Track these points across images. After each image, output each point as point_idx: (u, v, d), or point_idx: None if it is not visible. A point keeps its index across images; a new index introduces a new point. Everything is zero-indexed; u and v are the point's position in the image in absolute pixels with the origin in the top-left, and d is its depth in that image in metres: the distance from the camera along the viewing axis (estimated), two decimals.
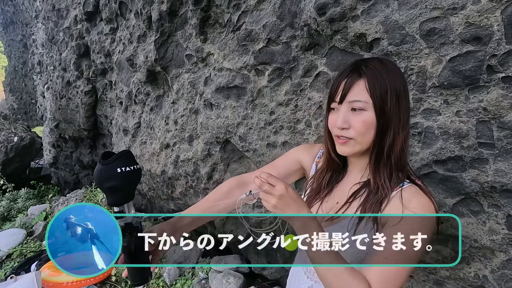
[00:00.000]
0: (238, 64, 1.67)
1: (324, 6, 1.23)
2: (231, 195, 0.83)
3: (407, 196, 0.66)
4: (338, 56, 1.31)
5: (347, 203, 0.74)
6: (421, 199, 0.66)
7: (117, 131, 3.07)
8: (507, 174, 0.98)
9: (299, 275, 0.86)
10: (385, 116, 0.65)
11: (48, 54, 4.11)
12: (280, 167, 0.88)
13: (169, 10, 1.97)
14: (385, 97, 0.64)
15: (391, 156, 0.68)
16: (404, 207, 0.65)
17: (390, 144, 0.67)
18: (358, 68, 0.67)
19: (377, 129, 0.66)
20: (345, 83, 0.67)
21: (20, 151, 5.05)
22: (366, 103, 0.65)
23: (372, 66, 0.66)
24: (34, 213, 3.59)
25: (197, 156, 2.10)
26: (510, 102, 0.93)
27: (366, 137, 0.67)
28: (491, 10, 0.90)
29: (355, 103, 0.66)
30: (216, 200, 0.82)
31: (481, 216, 1.08)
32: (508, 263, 1.05)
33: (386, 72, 0.66)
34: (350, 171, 0.80)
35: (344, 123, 0.67)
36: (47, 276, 2.14)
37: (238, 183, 0.86)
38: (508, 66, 0.91)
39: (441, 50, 1.01)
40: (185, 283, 2.18)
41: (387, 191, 0.67)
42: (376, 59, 0.70)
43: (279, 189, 0.61)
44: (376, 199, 0.68)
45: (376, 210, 0.67)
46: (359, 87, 0.65)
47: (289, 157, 0.91)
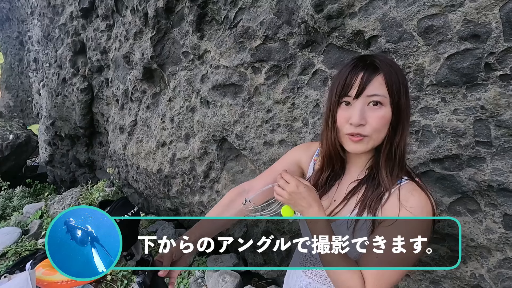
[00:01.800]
0: (235, 61, 1.65)
1: (322, 3, 1.22)
2: (232, 207, 0.84)
3: (404, 193, 0.66)
4: (336, 54, 1.29)
5: (345, 200, 0.73)
6: (418, 198, 0.65)
7: (114, 129, 3.04)
8: (504, 173, 0.97)
9: (297, 272, 0.86)
10: (399, 111, 0.65)
11: (44, 51, 4.07)
12: (279, 170, 0.87)
13: (166, 7, 1.95)
14: (399, 92, 0.64)
15: (397, 152, 0.67)
16: (401, 205, 0.64)
17: (398, 141, 0.67)
18: (373, 62, 0.65)
19: (391, 125, 0.66)
20: (362, 77, 0.64)
21: (15, 149, 5.01)
22: (385, 97, 0.64)
23: (386, 62, 0.66)
24: (30, 211, 3.56)
25: (193, 154, 2.08)
26: (507, 101, 0.92)
27: (381, 134, 0.66)
28: (490, 7, 0.89)
29: (374, 97, 0.63)
30: (218, 214, 0.84)
31: (478, 215, 1.07)
32: (504, 262, 1.05)
33: (396, 68, 0.66)
34: (349, 169, 0.78)
35: (361, 119, 0.64)
36: (42, 275, 2.12)
37: (238, 193, 0.87)
38: (506, 64, 0.90)
39: (439, 48, 1.00)
40: (182, 282, 2.17)
41: (388, 186, 0.67)
42: (382, 56, 0.70)
43: (291, 186, 0.66)
44: (376, 194, 0.68)
45: (377, 206, 0.67)
46: (378, 82, 0.63)
47: (287, 160, 0.91)
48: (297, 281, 0.84)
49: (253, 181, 0.89)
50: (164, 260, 0.71)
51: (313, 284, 0.79)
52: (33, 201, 4.10)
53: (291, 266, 0.95)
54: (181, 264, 0.74)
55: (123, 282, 2.24)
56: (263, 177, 0.88)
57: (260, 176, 0.90)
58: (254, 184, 0.87)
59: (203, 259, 2.28)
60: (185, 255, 0.75)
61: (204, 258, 2.28)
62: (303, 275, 0.82)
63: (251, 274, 2.19)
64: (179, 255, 0.74)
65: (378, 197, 0.67)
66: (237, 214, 0.84)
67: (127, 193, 3.61)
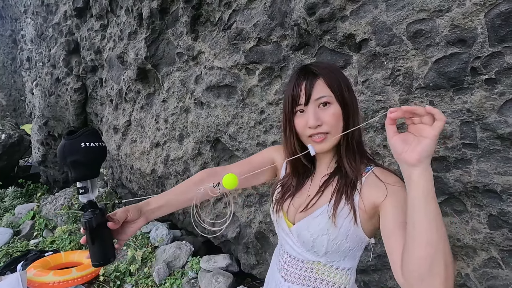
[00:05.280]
0: (229, 63, 1.66)
1: (314, 6, 1.23)
2: (201, 185, 0.82)
3: (380, 174, 0.71)
4: (328, 56, 1.31)
5: (319, 192, 0.76)
6: (395, 177, 0.71)
7: (107, 129, 3.03)
8: (489, 175, 1.00)
9: (275, 277, 0.85)
10: (347, 105, 0.72)
11: (37, 50, 4.03)
12: (255, 163, 0.90)
13: (160, 8, 1.95)
14: (341, 89, 0.72)
15: (353, 141, 0.75)
16: (386, 183, 0.68)
17: (352, 131, 0.73)
18: (310, 70, 0.73)
19: (343, 119, 0.72)
20: (305, 85, 0.72)
21: (8, 149, 4.95)
22: (331, 97, 0.71)
23: (322, 66, 0.74)
24: (21, 212, 3.52)
25: (187, 155, 2.09)
26: (492, 104, 0.95)
27: (338, 128, 0.72)
28: (476, 13, 0.92)
29: (321, 99, 0.71)
30: (186, 188, 0.82)
31: (464, 216, 1.10)
32: (489, 262, 1.07)
33: (334, 70, 0.75)
34: (319, 166, 0.83)
35: (317, 120, 0.71)
36: (33, 276, 2.10)
37: (210, 174, 0.86)
38: (491, 68, 0.93)
39: (427, 52, 1.03)
40: (175, 282, 2.17)
41: (356, 172, 0.73)
42: (318, 62, 0.76)
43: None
44: (349, 182, 0.73)
45: (353, 191, 0.71)
46: (320, 85, 0.71)
47: (264, 155, 0.94)
48: (276, 287, 0.83)
49: (228, 167, 0.89)
50: (117, 216, 0.68)
51: (292, 287, 0.79)
52: (25, 201, 4.05)
53: (268, 274, 0.94)
54: (134, 227, 0.72)
55: (116, 283, 2.24)
56: (239, 165, 0.89)
57: (237, 163, 0.91)
58: (228, 170, 0.86)
59: (197, 259, 2.28)
60: (140, 218, 0.73)
61: (198, 259, 2.28)
62: (282, 280, 0.81)
63: (244, 274, 2.19)
64: (135, 217, 0.71)
65: (351, 184, 0.72)
66: (202, 195, 0.82)
67: (121, 193, 3.59)
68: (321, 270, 0.76)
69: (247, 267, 2.07)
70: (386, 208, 0.66)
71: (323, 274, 0.76)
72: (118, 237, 0.72)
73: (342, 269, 0.76)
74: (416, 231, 0.53)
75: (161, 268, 2.24)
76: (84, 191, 0.66)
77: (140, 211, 0.73)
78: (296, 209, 0.79)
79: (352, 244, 0.73)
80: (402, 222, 0.60)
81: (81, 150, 0.63)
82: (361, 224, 0.70)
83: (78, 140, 0.64)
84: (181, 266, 2.32)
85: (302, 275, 0.78)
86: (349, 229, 0.71)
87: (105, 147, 0.68)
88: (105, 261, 0.68)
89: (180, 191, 0.82)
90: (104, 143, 0.68)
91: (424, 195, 0.52)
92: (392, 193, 0.66)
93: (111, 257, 0.68)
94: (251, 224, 1.88)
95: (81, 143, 0.64)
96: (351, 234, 0.71)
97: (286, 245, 0.82)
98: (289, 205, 0.82)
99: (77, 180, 0.66)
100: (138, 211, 0.73)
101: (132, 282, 2.23)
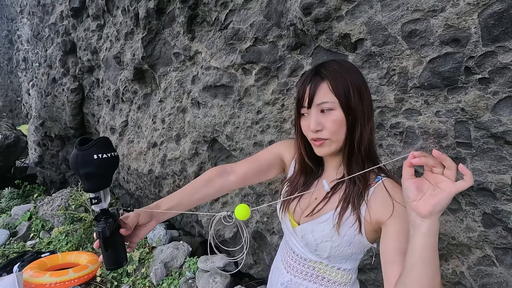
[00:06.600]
0: (226, 63, 1.67)
1: (310, 6, 1.24)
2: (211, 184, 0.83)
3: (390, 187, 0.68)
4: (324, 56, 1.32)
5: (326, 198, 0.75)
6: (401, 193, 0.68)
7: (104, 130, 3.02)
8: (483, 173, 1.01)
9: (279, 269, 0.88)
10: (352, 112, 0.68)
11: (34, 50, 4.01)
12: (262, 160, 0.89)
13: (157, 8, 1.95)
14: (348, 94, 0.67)
15: (361, 149, 0.70)
16: (394, 201, 0.66)
17: (359, 138, 0.70)
18: (319, 72, 0.70)
19: (347, 125, 0.69)
20: (309, 88, 0.70)
21: (4, 150, 4.92)
22: (333, 103, 0.68)
23: (331, 68, 0.70)
24: (18, 213, 3.50)
25: (184, 155, 2.09)
26: (486, 103, 0.95)
27: (339, 135, 0.70)
28: (469, 13, 0.93)
29: (323, 104, 0.68)
30: (196, 188, 0.82)
31: (459, 214, 1.11)
32: (483, 260, 1.08)
33: (344, 71, 0.69)
34: (327, 168, 0.82)
35: (318, 125, 0.69)
36: (30, 277, 2.09)
37: (219, 173, 0.86)
38: (484, 67, 0.93)
39: (422, 51, 1.03)
40: (172, 282, 2.17)
41: (364, 182, 0.70)
42: (333, 61, 0.73)
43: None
44: (356, 191, 0.70)
45: (360, 201, 0.69)
46: (324, 89, 0.68)
47: (271, 151, 0.92)
48: (279, 278, 0.86)
49: (236, 165, 0.89)
50: (129, 221, 0.69)
51: (294, 280, 0.81)
52: (22, 202, 4.03)
53: (274, 263, 0.97)
54: (145, 230, 0.73)
55: (113, 283, 2.23)
56: (247, 162, 0.89)
57: (244, 161, 0.90)
58: (236, 168, 0.87)
59: (194, 259, 2.28)
60: (151, 221, 0.73)
61: (195, 259, 2.28)
62: (285, 272, 0.84)
63: (242, 274, 2.19)
64: (146, 220, 0.72)
65: (359, 193, 0.70)
66: (214, 193, 0.83)
67: (118, 194, 3.58)
68: (323, 269, 0.78)
69: (245, 267, 2.07)
70: (388, 230, 0.64)
71: (325, 273, 0.78)
72: (129, 240, 0.72)
73: (343, 270, 0.77)
74: (413, 275, 0.53)
75: (158, 268, 2.24)
76: (97, 201, 0.66)
77: (151, 214, 0.74)
78: (302, 211, 0.80)
79: (355, 250, 0.73)
80: (402, 249, 0.59)
81: (94, 162, 0.63)
82: (365, 233, 0.70)
83: (91, 151, 0.63)
84: (179, 266, 2.32)
85: (305, 271, 0.80)
86: (353, 237, 0.71)
87: (117, 156, 0.67)
88: (118, 265, 0.69)
89: (190, 191, 0.81)
90: (116, 153, 0.67)
91: (428, 248, 0.51)
92: (397, 215, 0.64)
93: (123, 261, 0.70)
94: (248, 224, 1.88)
95: (94, 154, 0.63)
96: (355, 241, 0.71)
97: (290, 242, 0.84)
98: (295, 206, 0.82)
99: (90, 191, 0.66)
100: (149, 214, 0.73)
101: (130, 282, 2.23)
